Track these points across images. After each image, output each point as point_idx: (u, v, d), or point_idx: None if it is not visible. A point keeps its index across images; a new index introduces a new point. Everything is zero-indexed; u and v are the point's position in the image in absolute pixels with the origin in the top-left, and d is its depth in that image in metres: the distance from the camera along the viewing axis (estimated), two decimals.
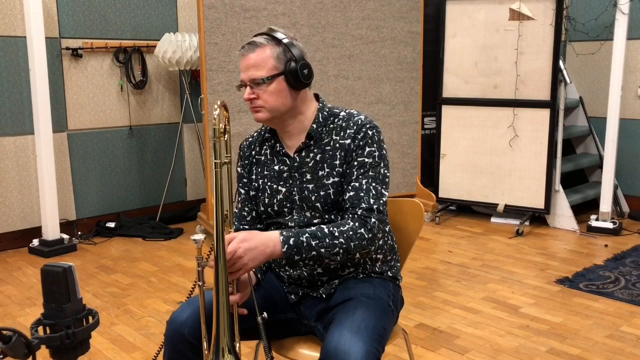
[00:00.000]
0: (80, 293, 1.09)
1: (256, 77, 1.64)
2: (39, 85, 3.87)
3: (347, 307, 1.60)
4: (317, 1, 4.24)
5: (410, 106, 4.78)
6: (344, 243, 1.56)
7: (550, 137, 4.38)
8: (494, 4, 4.47)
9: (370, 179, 1.64)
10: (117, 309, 3.14)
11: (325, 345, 1.46)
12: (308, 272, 1.71)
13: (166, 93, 4.86)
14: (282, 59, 1.64)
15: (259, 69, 1.64)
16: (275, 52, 1.64)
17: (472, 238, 4.32)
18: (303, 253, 1.54)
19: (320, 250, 1.55)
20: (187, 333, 1.58)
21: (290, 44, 1.66)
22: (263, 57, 1.64)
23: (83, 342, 1.09)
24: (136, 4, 4.59)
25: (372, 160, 1.66)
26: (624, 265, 3.69)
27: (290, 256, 1.53)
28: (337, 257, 1.57)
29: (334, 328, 1.51)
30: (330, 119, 1.72)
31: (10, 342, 0.95)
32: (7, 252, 4.10)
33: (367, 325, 1.50)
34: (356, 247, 1.58)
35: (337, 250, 1.56)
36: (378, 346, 1.48)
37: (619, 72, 4.23)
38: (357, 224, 1.59)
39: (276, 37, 1.66)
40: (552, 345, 2.67)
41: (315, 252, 1.54)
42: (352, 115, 1.71)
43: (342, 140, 1.68)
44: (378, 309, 1.61)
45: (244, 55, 1.66)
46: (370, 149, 1.66)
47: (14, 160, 4.13)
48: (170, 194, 4.91)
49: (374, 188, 1.63)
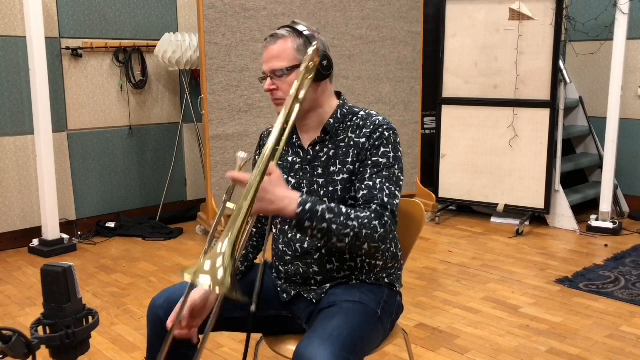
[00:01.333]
0: (80, 293, 1.09)
1: (277, 68, 1.66)
2: (39, 85, 3.87)
3: (327, 313, 1.59)
4: (317, 1, 4.24)
5: (410, 106, 4.78)
6: (357, 228, 1.52)
7: (550, 137, 4.38)
8: (494, 4, 4.47)
9: (385, 179, 1.62)
10: (117, 309, 3.14)
11: (295, 351, 1.46)
12: (304, 269, 1.71)
13: (166, 93, 4.86)
14: (303, 51, 1.65)
15: (280, 60, 1.66)
16: (296, 44, 1.66)
17: (472, 238, 4.32)
18: (315, 221, 1.48)
19: (332, 225, 1.49)
20: (163, 315, 1.62)
21: (311, 37, 1.67)
22: (284, 48, 1.66)
23: (83, 342, 1.09)
24: (136, 4, 4.59)
25: (386, 161, 1.64)
26: (624, 265, 3.69)
27: (301, 219, 1.47)
28: (346, 239, 1.51)
29: (307, 334, 1.50)
30: (349, 117, 1.72)
31: (10, 342, 0.96)
32: (7, 252, 4.10)
33: (340, 333, 1.47)
34: (367, 237, 1.53)
35: (347, 232, 1.51)
36: (349, 355, 1.44)
37: (619, 72, 4.23)
38: (373, 216, 1.55)
39: (298, 30, 1.68)
40: (552, 345, 2.67)
41: (326, 225, 1.49)
42: (371, 116, 1.71)
43: (357, 139, 1.68)
44: (359, 316, 1.58)
45: (266, 47, 1.69)
46: (386, 150, 1.65)
47: (14, 160, 4.13)
48: (170, 194, 4.91)
49: (387, 188, 1.60)
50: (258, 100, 4.09)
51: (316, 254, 1.69)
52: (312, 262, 1.70)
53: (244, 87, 4.03)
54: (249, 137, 4.11)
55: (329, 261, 1.69)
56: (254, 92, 4.07)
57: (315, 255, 1.69)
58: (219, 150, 4.03)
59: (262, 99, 4.10)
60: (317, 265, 1.70)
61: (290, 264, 1.73)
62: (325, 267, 1.69)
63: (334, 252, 1.69)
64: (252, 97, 4.08)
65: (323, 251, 1.69)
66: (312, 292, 1.71)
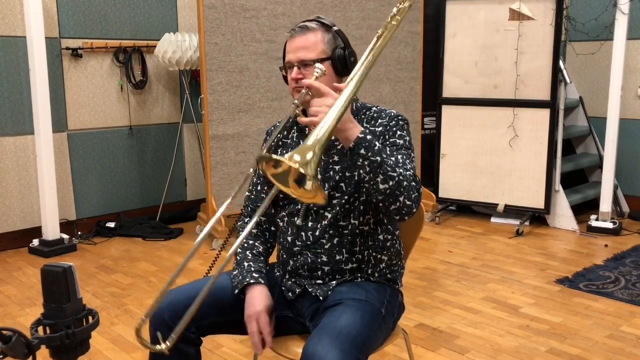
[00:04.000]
0: (80, 293, 1.09)
1: (305, 59, 1.69)
2: (39, 85, 3.87)
3: (334, 311, 1.60)
4: (317, 1, 4.24)
5: (410, 106, 4.78)
6: (402, 177, 1.53)
7: (550, 137, 4.38)
8: (494, 4, 4.47)
9: (405, 157, 1.64)
10: (117, 309, 3.14)
11: (304, 349, 1.46)
12: (312, 258, 1.71)
13: (166, 93, 4.86)
14: (331, 45, 1.71)
15: (309, 51, 1.69)
16: (325, 38, 1.71)
17: (472, 238, 4.32)
18: (370, 151, 1.49)
19: (383, 163, 1.50)
20: (167, 318, 1.62)
21: (339, 32, 1.74)
22: (314, 40, 1.70)
23: (83, 342, 1.09)
24: (136, 4, 4.59)
25: (403, 143, 1.68)
26: (624, 265, 3.69)
27: (358, 144, 1.49)
28: (390, 181, 1.51)
29: (315, 331, 1.51)
30: (363, 111, 1.77)
31: (10, 342, 0.96)
32: (7, 252, 4.10)
33: (349, 332, 1.49)
34: (406, 189, 1.53)
35: (394, 175, 1.51)
36: (358, 354, 1.46)
37: (619, 72, 4.23)
38: (411, 176, 1.57)
39: (326, 24, 1.73)
40: (552, 345, 2.67)
41: (379, 160, 1.50)
42: (384, 110, 1.76)
43: (372, 128, 1.71)
44: (366, 315, 1.59)
45: (294, 37, 1.72)
46: (402, 133, 1.70)
47: (14, 160, 4.13)
48: (170, 194, 4.91)
49: (411, 166, 1.62)
50: (258, 100, 4.09)
51: (327, 244, 1.70)
52: (321, 251, 1.71)
53: (244, 87, 4.03)
54: (249, 137, 4.11)
55: (339, 252, 1.70)
56: (254, 92, 4.07)
57: (327, 245, 1.70)
58: (219, 150, 4.03)
59: (262, 99, 4.10)
60: (327, 255, 1.70)
61: (299, 254, 1.73)
62: (335, 258, 1.70)
63: (345, 243, 1.70)
64: (252, 97, 4.07)
65: (334, 241, 1.70)
66: (318, 288, 1.72)
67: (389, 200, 1.54)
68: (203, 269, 3.50)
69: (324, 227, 1.70)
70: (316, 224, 1.71)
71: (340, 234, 1.70)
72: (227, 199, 1.49)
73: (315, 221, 1.71)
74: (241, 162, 4.12)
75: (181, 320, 1.34)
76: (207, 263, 3.30)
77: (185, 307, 1.63)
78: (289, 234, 1.77)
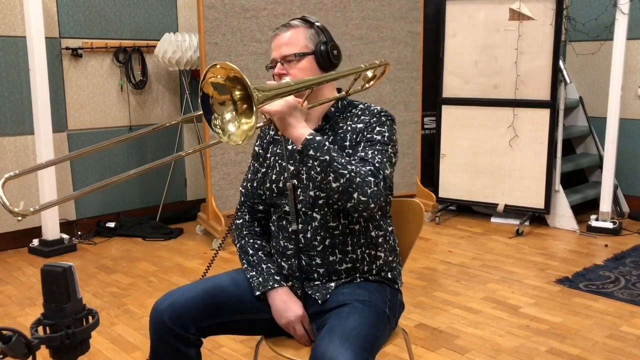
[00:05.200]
0: (80, 293, 1.09)
1: (287, 54, 1.72)
2: (39, 85, 3.87)
3: (340, 312, 1.61)
4: (317, 1, 4.24)
5: (410, 106, 4.78)
6: (353, 173, 1.54)
7: (550, 137, 4.38)
8: (494, 4, 4.47)
9: (377, 152, 1.65)
10: (117, 309, 3.14)
11: (314, 350, 1.47)
12: (306, 261, 1.72)
13: (166, 93, 4.86)
14: (314, 40, 1.74)
15: (291, 47, 1.73)
16: (307, 33, 1.74)
17: (472, 238, 4.32)
18: (319, 152, 1.54)
19: (333, 162, 1.54)
20: (167, 319, 1.62)
21: (322, 28, 1.76)
22: (296, 36, 1.74)
23: (83, 342, 1.09)
24: (136, 4, 4.59)
25: (380, 138, 1.68)
26: (624, 265, 3.69)
27: (307, 145, 1.55)
28: (341, 179, 1.54)
29: (324, 333, 1.52)
30: (349, 108, 1.78)
31: (10, 342, 0.95)
32: (7, 252, 4.10)
33: (358, 333, 1.50)
34: (359, 186, 1.54)
35: (344, 173, 1.54)
36: (368, 355, 1.48)
37: (619, 72, 4.23)
38: (370, 172, 1.58)
39: (309, 20, 1.76)
40: (552, 345, 2.67)
41: (328, 158, 1.53)
42: (370, 106, 1.78)
43: (354, 125, 1.73)
44: (372, 315, 1.61)
45: (277, 35, 1.76)
46: (381, 129, 1.69)
47: (14, 160, 4.13)
48: (170, 194, 4.91)
49: (379, 159, 1.63)
50: None
51: (319, 246, 1.71)
52: (314, 254, 1.71)
53: None
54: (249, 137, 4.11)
55: (332, 253, 1.71)
56: None
57: (319, 247, 1.71)
58: (219, 150, 4.03)
59: None
60: (320, 257, 1.71)
61: (293, 257, 1.74)
62: (328, 259, 1.71)
63: (337, 244, 1.70)
64: None
65: (326, 243, 1.70)
66: (317, 291, 1.72)
67: (344, 198, 1.56)
68: (202, 269, 3.50)
69: (314, 229, 1.70)
70: (307, 226, 1.71)
71: (332, 235, 1.70)
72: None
73: (305, 223, 1.71)
74: (241, 162, 4.12)
75: None
76: (206, 263, 3.30)
77: (185, 309, 1.65)
78: (280, 237, 1.78)
